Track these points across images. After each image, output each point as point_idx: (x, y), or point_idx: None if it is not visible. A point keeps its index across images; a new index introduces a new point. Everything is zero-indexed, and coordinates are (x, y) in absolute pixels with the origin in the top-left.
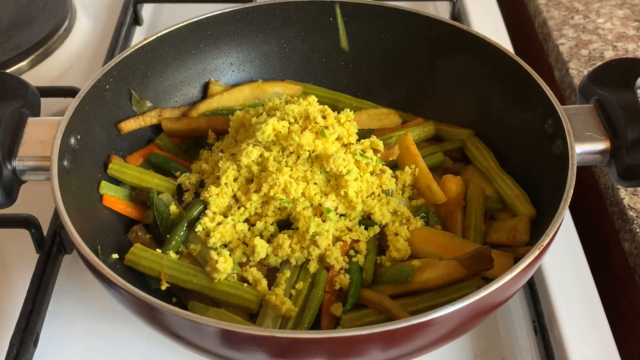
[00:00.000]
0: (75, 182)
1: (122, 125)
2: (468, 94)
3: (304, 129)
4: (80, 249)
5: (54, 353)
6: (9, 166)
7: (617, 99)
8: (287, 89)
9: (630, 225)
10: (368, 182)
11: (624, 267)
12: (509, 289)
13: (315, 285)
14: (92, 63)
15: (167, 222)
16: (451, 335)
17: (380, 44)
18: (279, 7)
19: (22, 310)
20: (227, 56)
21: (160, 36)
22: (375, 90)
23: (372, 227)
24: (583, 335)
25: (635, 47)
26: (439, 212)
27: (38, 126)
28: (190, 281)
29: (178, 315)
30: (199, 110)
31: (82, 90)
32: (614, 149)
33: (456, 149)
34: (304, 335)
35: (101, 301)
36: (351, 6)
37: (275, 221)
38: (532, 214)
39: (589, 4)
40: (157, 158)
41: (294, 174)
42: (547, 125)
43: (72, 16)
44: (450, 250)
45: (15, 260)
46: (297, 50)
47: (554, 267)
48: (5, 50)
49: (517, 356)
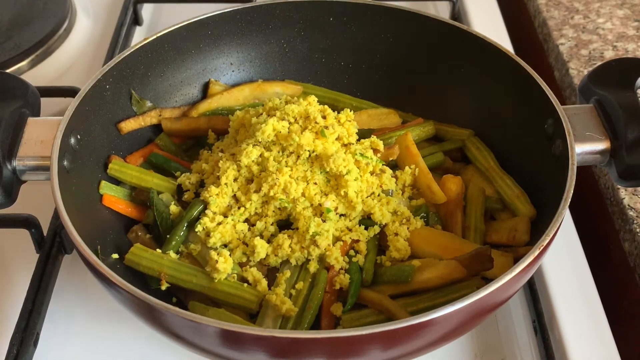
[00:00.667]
0: (75, 182)
1: (122, 125)
2: (468, 94)
3: (304, 129)
4: (80, 249)
5: (54, 353)
6: (9, 166)
7: (617, 99)
8: (287, 89)
9: (630, 225)
10: (368, 182)
11: (624, 267)
12: (509, 289)
13: (315, 285)
14: (92, 63)
15: (167, 222)
16: (451, 335)
17: (380, 44)
18: (279, 7)
19: (22, 310)
20: (227, 56)
21: (160, 36)
22: (375, 90)
23: (372, 227)
24: (583, 335)
25: (635, 47)
26: (439, 212)
27: (38, 126)
28: (190, 281)
29: (178, 315)
30: (199, 110)
31: (82, 90)
32: (614, 149)
33: (456, 149)
34: (304, 335)
35: (101, 301)
36: (351, 6)
37: (275, 221)
38: (532, 214)
39: (589, 4)
40: (157, 158)
41: (294, 174)
42: (547, 125)
43: (72, 16)
44: (450, 250)
45: (15, 260)
46: (297, 50)
47: (554, 267)
48: (5, 50)
49: (517, 356)
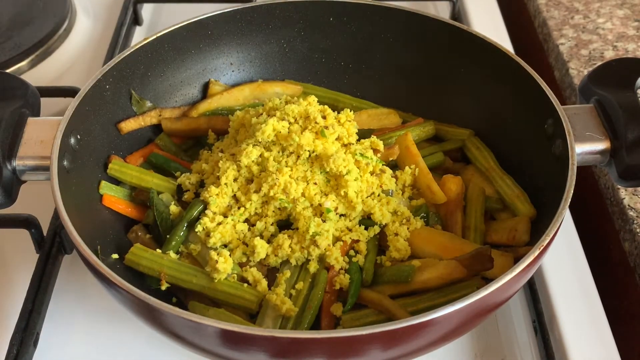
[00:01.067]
0: (75, 182)
1: (122, 125)
2: (468, 94)
3: (304, 129)
4: (80, 249)
5: (54, 353)
6: (9, 166)
7: (617, 99)
8: (287, 89)
9: (630, 225)
10: (368, 182)
11: (624, 267)
12: (509, 289)
13: (315, 285)
14: (92, 63)
15: (167, 222)
16: (451, 335)
17: (380, 44)
18: (279, 7)
19: (22, 310)
20: (227, 56)
21: (160, 36)
22: (375, 90)
23: (372, 227)
24: (583, 335)
25: (635, 47)
26: (439, 212)
27: (38, 126)
28: (190, 281)
29: (178, 315)
30: (199, 110)
31: (82, 90)
32: (614, 149)
33: (456, 149)
34: (304, 335)
35: (101, 301)
36: (351, 6)
37: (275, 221)
38: (532, 214)
39: (589, 4)
40: (157, 158)
41: (294, 174)
42: (547, 125)
43: (72, 16)
44: (450, 250)
45: (15, 260)
46: (297, 50)
47: (554, 267)
48: (5, 50)
49: (517, 356)
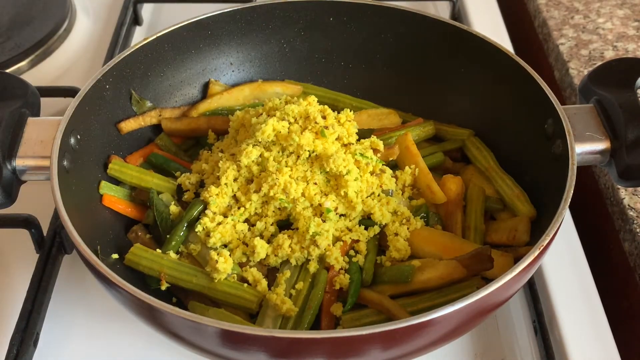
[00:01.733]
0: (75, 182)
1: (122, 125)
2: (468, 94)
3: (304, 129)
4: (80, 249)
5: (54, 353)
6: (8, 166)
7: (617, 99)
8: (287, 89)
9: (630, 225)
10: (368, 182)
11: (624, 267)
12: (509, 289)
13: (315, 285)
14: (92, 63)
15: (167, 222)
16: (451, 335)
17: (380, 44)
18: (279, 7)
19: (22, 310)
20: (227, 56)
21: (160, 36)
22: (375, 90)
23: (372, 227)
24: (583, 335)
25: (635, 47)
26: (439, 212)
27: (38, 126)
28: (190, 281)
29: (178, 315)
30: (199, 110)
31: (82, 90)
32: (614, 149)
33: (456, 149)
34: (304, 335)
35: (101, 301)
36: (351, 6)
37: (275, 221)
38: (532, 214)
39: (589, 4)
40: (157, 158)
41: (294, 174)
42: (547, 125)
43: (72, 16)
44: (450, 250)
45: (15, 260)
46: (297, 50)
47: (554, 267)
48: (5, 50)
49: (517, 356)
